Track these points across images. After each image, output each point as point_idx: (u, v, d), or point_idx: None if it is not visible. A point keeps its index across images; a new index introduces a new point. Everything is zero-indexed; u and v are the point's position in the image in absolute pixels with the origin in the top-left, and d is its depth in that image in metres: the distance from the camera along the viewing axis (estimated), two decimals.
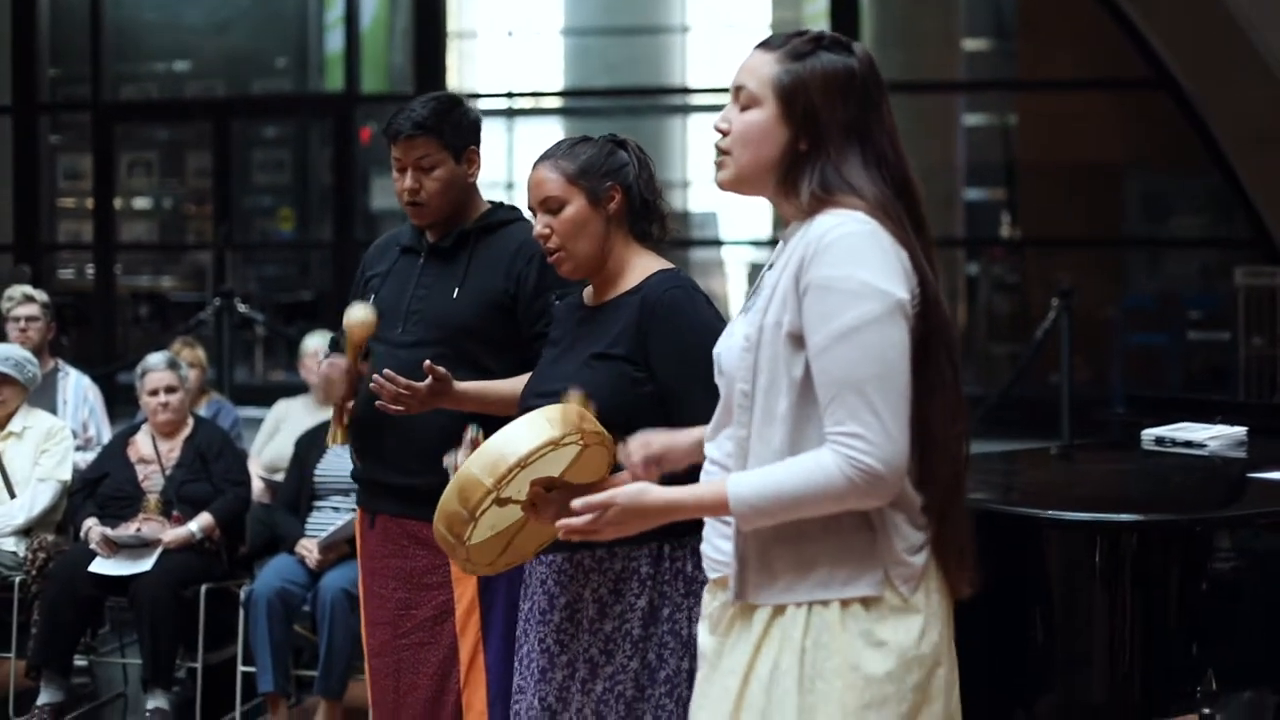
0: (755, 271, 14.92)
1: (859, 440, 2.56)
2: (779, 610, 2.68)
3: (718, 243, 15.46)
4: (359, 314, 3.99)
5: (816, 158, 2.70)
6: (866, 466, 2.55)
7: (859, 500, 2.60)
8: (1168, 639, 3.51)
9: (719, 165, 2.81)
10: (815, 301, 2.61)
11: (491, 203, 4.18)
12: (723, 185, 2.83)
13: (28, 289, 7.66)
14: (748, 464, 2.69)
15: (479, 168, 4.15)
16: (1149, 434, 4.69)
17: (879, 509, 2.64)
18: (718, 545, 2.81)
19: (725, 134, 2.78)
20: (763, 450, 2.68)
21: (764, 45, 2.80)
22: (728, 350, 2.80)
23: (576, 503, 2.77)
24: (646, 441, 3.02)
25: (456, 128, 4.07)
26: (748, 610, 2.72)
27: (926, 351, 2.64)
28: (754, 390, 2.69)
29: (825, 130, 2.70)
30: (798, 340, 2.64)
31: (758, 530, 2.67)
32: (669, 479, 2.91)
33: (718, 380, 2.85)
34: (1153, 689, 3.50)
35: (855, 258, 2.60)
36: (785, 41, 2.77)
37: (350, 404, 4.06)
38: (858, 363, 2.57)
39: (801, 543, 2.66)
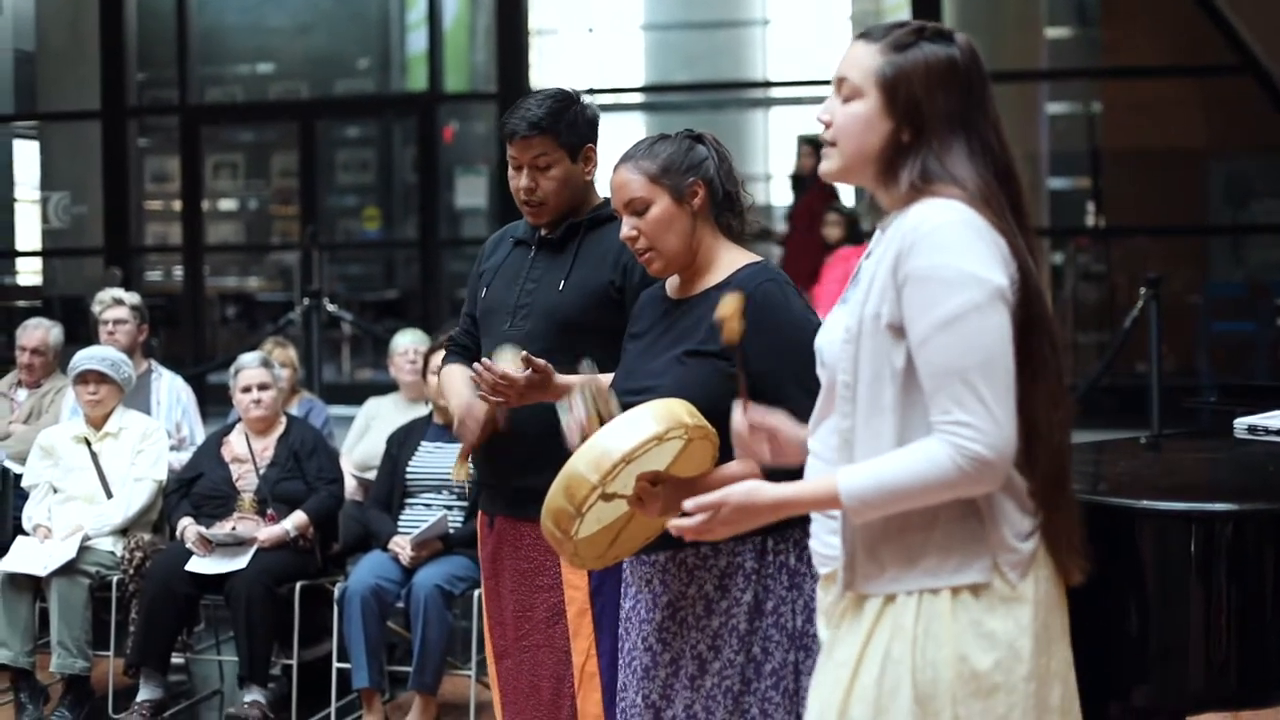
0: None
1: (966, 428, 2.55)
2: (889, 599, 2.68)
3: None
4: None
5: (919, 148, 2.70)
6: (975, 454, 2.55)
7: (969, 488, 2.59)
8: (1264, 627, 3.49)
9: (824, 155, 2.80)
10: (914, 292, 2.60)
11: (606, 198, 4.07)
12: (826, 175, 2.82)
13: (117, 292, 7.72)
14: (854, 455, 2.69)
15: (596, 165, 4.09)
16: (1241, 422, 4.65)
17: (986, 496, 2.64)
18: (827, 541, 2.82)
19: (828, 125, 2.77)
20: (871, 441, 2.67)
21: (865, 36, 2.78)
22: (829, 343, 2.80)
23: (689, 503, 2.77)
24: (764, 414, 2.97)
25: (573, 126, 4.01)
26: (858, 601, 2.72)
27: (1027, 338, 2.64)
28: (856, 382, 2.69)
29: (928, 121, 2.69)
30: (898, 331, 2.64)
31: (866, 522, 2.67)
32: (775, 475, 2.89)
33: (819, 372, 2.84)
34: (1249, 678, 3.47)
35: (952, 246, 2.59)
36: (887, 33, 2.75)
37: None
38: (961, 351, 2.56)
39: (908, 532, 2.66)
